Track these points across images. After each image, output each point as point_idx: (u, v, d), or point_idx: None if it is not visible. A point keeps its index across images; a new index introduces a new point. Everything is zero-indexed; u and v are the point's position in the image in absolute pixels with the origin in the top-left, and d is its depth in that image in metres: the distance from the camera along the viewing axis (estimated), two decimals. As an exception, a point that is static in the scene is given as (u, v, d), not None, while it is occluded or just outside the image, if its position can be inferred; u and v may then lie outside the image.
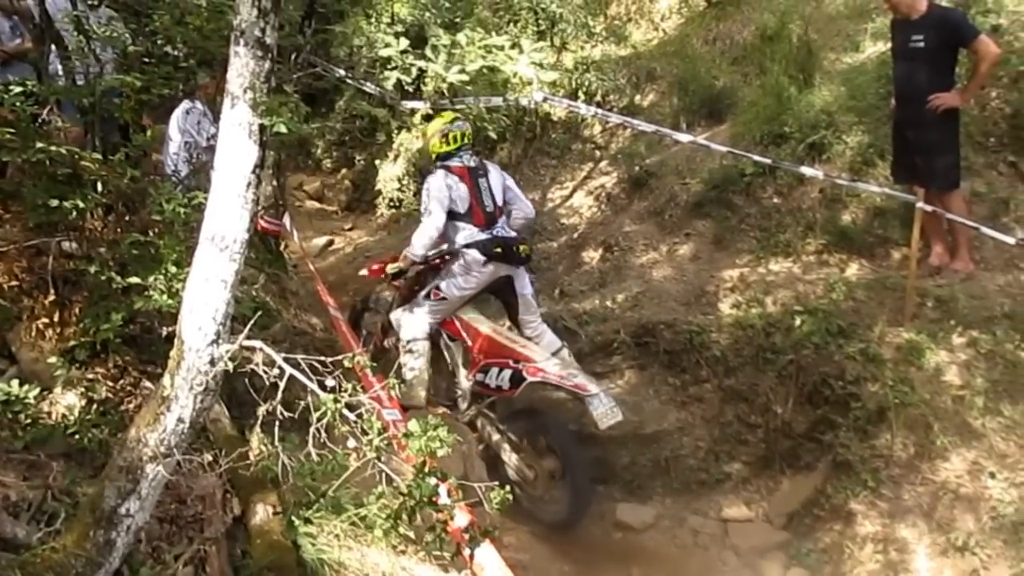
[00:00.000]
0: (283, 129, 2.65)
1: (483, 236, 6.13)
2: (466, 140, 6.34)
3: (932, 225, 6.72)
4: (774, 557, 5.78)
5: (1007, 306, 6.33)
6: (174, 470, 3.06)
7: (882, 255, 7.08)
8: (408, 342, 6.24)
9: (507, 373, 5.80)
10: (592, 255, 8.38)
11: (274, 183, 6.87)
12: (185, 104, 6.51)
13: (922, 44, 6.55)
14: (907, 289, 6.42)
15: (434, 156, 6.35)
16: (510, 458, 5.97)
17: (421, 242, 6.11)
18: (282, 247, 6.91)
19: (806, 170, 7.09)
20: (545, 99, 8.48)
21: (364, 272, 6.79)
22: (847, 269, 7.04)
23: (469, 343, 6.20)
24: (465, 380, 6.20)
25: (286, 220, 7.04)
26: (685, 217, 8.13)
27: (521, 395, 6.06)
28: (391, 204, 10.48)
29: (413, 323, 6.25)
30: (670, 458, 6.38)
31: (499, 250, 6.07)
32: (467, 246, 6.11)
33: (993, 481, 5.45)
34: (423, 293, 6.33)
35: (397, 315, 6.50)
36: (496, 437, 6.08)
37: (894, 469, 5.78)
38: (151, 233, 4.23)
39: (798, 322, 6.50)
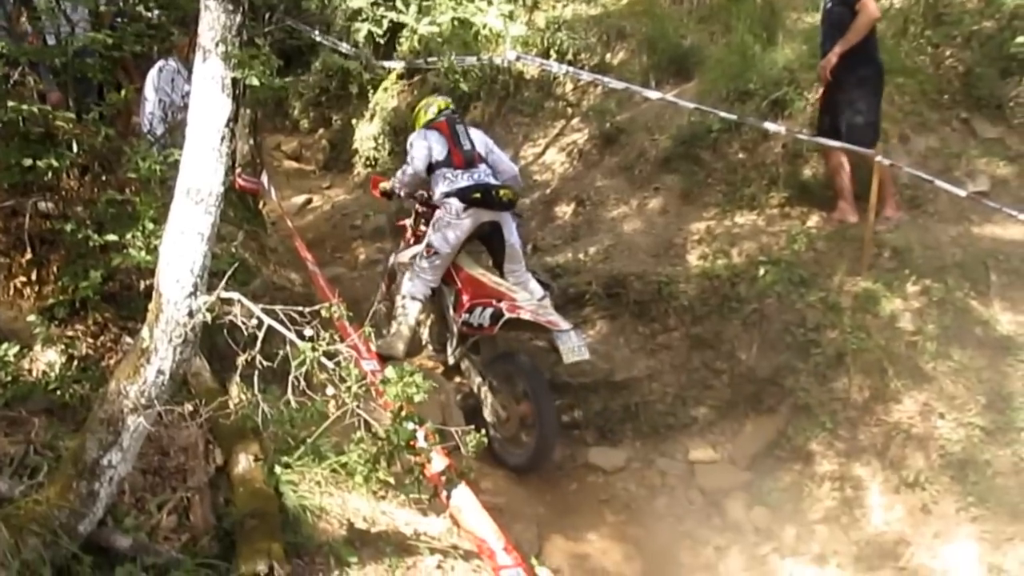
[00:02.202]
0: (255, 82, 2.57)
1: (464, 183, 6.13)
2: (446, 107, 6.56)
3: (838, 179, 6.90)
4: (738, 496, 5.81)
5: (958, 256, 6.39)
6: (155, 421, 3.02)
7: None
8: (405, 296, 6.32)
9: (488, 311, 5.80)
10: (564, 210, 8.32)
11: (251, 142, 6.77)
12: (159, 63, 6.36)
13: (831, 5, 6.76)
14: (865, 240, 6.43)
15: (422, 123, 6.53)
16: (488, 401, 5.98)
17: (401, 177, 6.43)
18: (260, 205, 6.80)
19: (770, 126, 7.08)
20: (518, 58, 8.38)
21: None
22: (808, 221, 7.02)
23: (460, 286, 6.23)
24: (454, 322, 6.22)
25: (264, 178, 6.95)
26: (654, 172, 8.06)
27: (504, 340, 6.11)
28: (368, 163, 10.36)
29: (415, 284, 6.31)
30: (640, 404, 6.36)
31: (478, 195, 6.05)
32: (448, 195, 6.11)
33: (942, 422, 5.51)
34: (420, 252, 6.35)
35: (399, 259, 6.67)
36: (478, 380, 6.10)
37: (851, 411, 5.82)
38: (127, 191, 4.16)
39: (762, 272, 6.52)
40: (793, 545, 5.44)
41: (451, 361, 6.32)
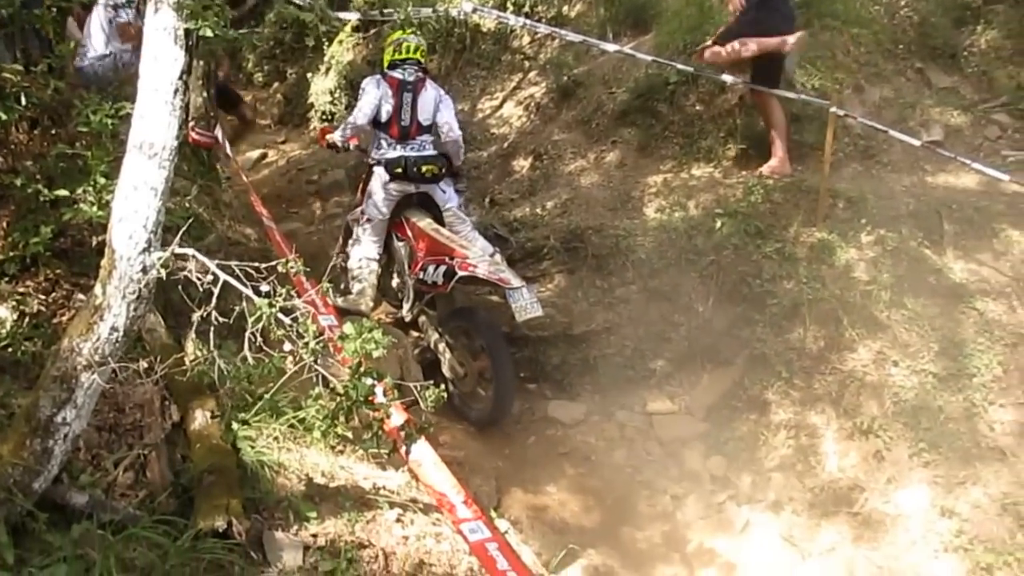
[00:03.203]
0: (209, 33, 2.51)
1: (392, 154, 6.20)
2: (415, 54, 6.37)
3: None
4: (695, 446, 5.87)
5: (912, 205, 6.47)
6: (110, 379, 2.97)
7: (796, 159, 7.08)
8: (358, 259, 6.36)
9: (442, 269, 5.81)
10: (522, 164, 8.29)
11: (204, 95, 6.64)
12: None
13: None
14: (820, 191, 6.47)
15: (385, 64, 6.41)
16: (445, 357, 5.99)
17: (343, 127, 6.30)
18: (215, 160, 6.69)
19: (727, 78, 7.07)
20: (475, 10, 8.31)
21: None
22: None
23: (414, 243, 6.23)
24: (409, 278, 6.22)
25: (218, 132, 6.83)
26: (612, 125, 8.04)
27: (462, 296, 6.12)
28: (323, 117, 10.21)
29: (361, 248, 6.38)
30: (598, 357, 6.38)
31: (399, 170, 6.14)
32: (377, 163, 6.21)
33: (896, 369, 5.60)
34: (358, 221, 6.42)
35: (351, 217, 6.66)
36: (435, 336, 6.11)
37: (806, 361, 5.89)
38: (78, 145, 4.06)
39: (719, 224, 6.56)
40: (749, 493, 5.52)
41: (407, 318, 6.34)
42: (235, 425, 3.61)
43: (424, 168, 6.17)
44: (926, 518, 4.99)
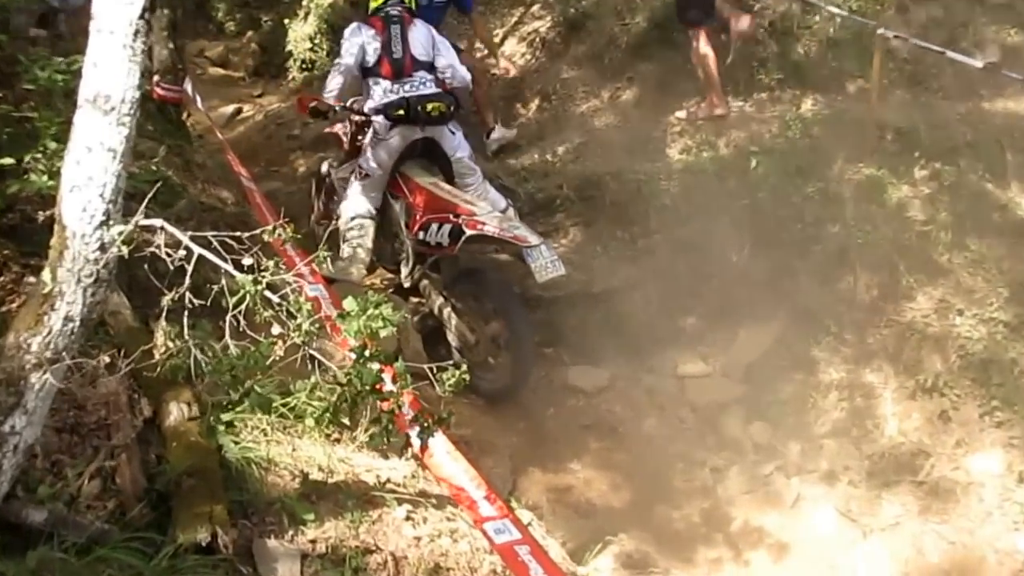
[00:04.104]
0: None
1: (389, 97, 5.93)
2: None
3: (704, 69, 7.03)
4: (734, 412, 5.76)
5: (969, 135, 6.36)
6: (67, 376, 2.76)
7: (837, 89, 7.00)
8: (351, 219, 6.13)
9: (447, 228, 5.57)
10: (528, 106, 8.16)
11: (170, 46, 6.48)
12: None
13: None
14: (866, 123, 6.39)
15: (369, 12, 6.24)
16: (452, 323, 5.82)
17: (329, 86, 6.06)
18: (184, 116, 6.55)
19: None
20: None
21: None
22: (802, 105, 6.96)
23: (410, 199, 6.02)
24: (407, 239, 6.03)
25: (187, 86, 6.70)
26: (626, 60, 7.91)
27: (466, 256, 5.93)
28: (303, 66, 10.09)
29: (352, 204, 6.14)
30: (621, 316, 6.23)
31: (401, 112, 5.86)
32: (376, 112, 5.94)
33: (961, 319, 5.52)
34: (353, 173, 6.20)
35: (339, 175, 6.50)
36: (439, 301, 5.93)
37: (857, 313, 5.80)
38: (25, 107, 3.86)
39: (753, 164, 6.46)
40: (799, 462, 5.40)
41: (407, 283, 6.14)
42: (216, 418, 3.41)
43: (430, 107, 5.89)
44: (1002, 485, 4.90)
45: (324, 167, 6.89)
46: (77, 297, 2.49)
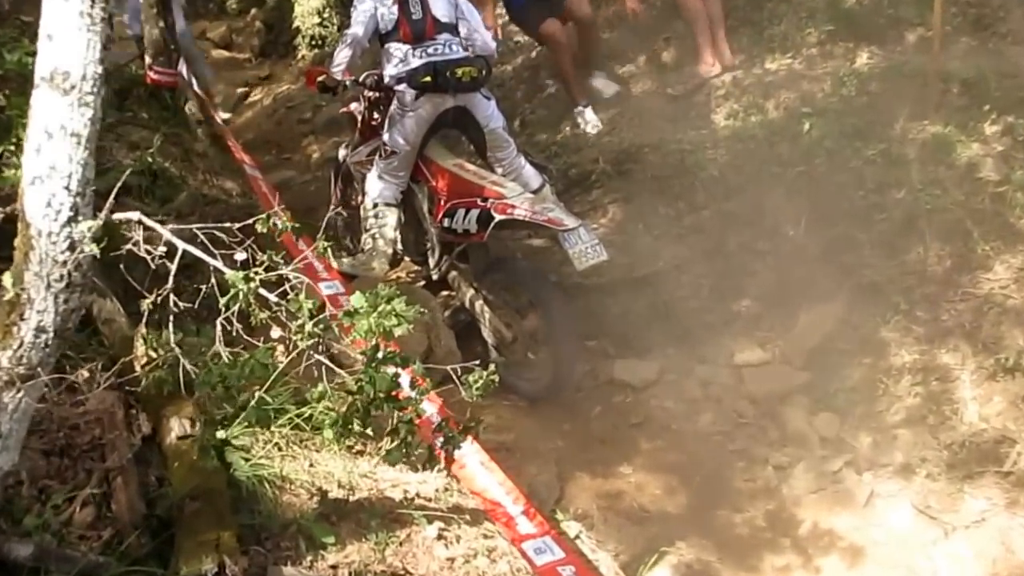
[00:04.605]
0: None
1: (414, 62, 5.77)
2: None
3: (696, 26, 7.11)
4: (797, 402, 5.62)
5: None
6: (56, 392, 2.63)
7: (895, 39, 6.90)
8: (373, 206, 6.06)
9: (474, 213, 5.48)
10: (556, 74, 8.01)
11: (160, 25, 6.39)
12: None
13: None
14: (929, 75, 6.26)
15: None
16: (486, 318, 5.74)
17: (337, 59, 5.92)
18: (182, 102, 6.49)
19: None
20: None
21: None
22: (857, 59, 6.85)
23: (433, 183, 5.96)
24: (432, 228, 5.96)
25: (182, 68, 6.63)
26: (662, 19, 7.87)
27: (498, 243, 5.88)
28: (313, 43, 10.11)
29: (374, 188, 6.05)
30: (669, 301, 6.15)
31: (428, 79, 5.69)
32: (398, 79, 5.78)
33: None
34: (376, 153, 6.09)
35: (355, 159, 6.44)
36: (470, 293, 5.85)
37: (929, 287, 5.66)
38: (-1, 94, 3.75)
39: (806, 127, 6.36)
40: (871, 456, 5.24)
41: (435, 276, 6.06)
42: (221, 433, 3.29)
43: (460, 71, 5.72)
44: (1101, 473, 4.73)
45: (341, 152, 6.79)
46: (48, 305, 2.37)
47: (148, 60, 6.19)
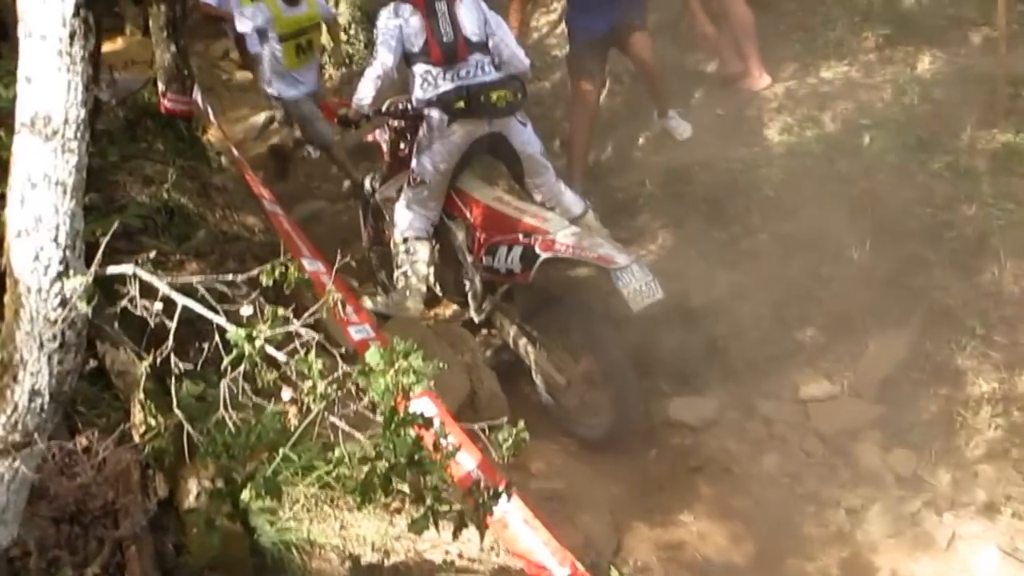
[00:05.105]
0: None
1: (444, 86, 5.75)
2: None
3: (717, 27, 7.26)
4: (869, 438, 5.50)
5: None
6: (67, 453, 2.59)
7: (958, 41, 6.88)
8: (403, 240, 6.04)
9: (517, 251, 5.45)
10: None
11: (172, 49, 6.37)
12: None
13: None
14: (996, 79, 6.21)
15: None
16: (536, 362, 5.68)
17: (364, 89, 5.84)
18: (199, 132, 6.49)
19: None
20: None
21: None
22: (918, 64, 6.84)
23: (470, 219, 5.92)
24: (472, 266, 5.91)
25: (197, 96, 6.62)
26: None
27: (542, 279, 5.72)
28: (340, 62, 9.97)
29: (404, 217, 6.03)
30: (727, 333, 6.06)
31: (462, 104, 5.66)
32: (428, 103, 5.74)
33: None
34: (405, 182, 6.07)
35: (384, 194, 6.42)
36: (519, 336, 5.79)
37: (1006, 308, 5.56)
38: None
39: (866, 139, 6.32)
40: (951, 494, 5.10)
41: (477, 318, 5.99)
42: (245, 494, 3.21)
43: (495, 95, 5.70)
44: None
45: (367, 182, 6.75)
46: (42, 366, 2.33)
47: (161, 87, 6.19)
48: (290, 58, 8.19)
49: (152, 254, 4.59)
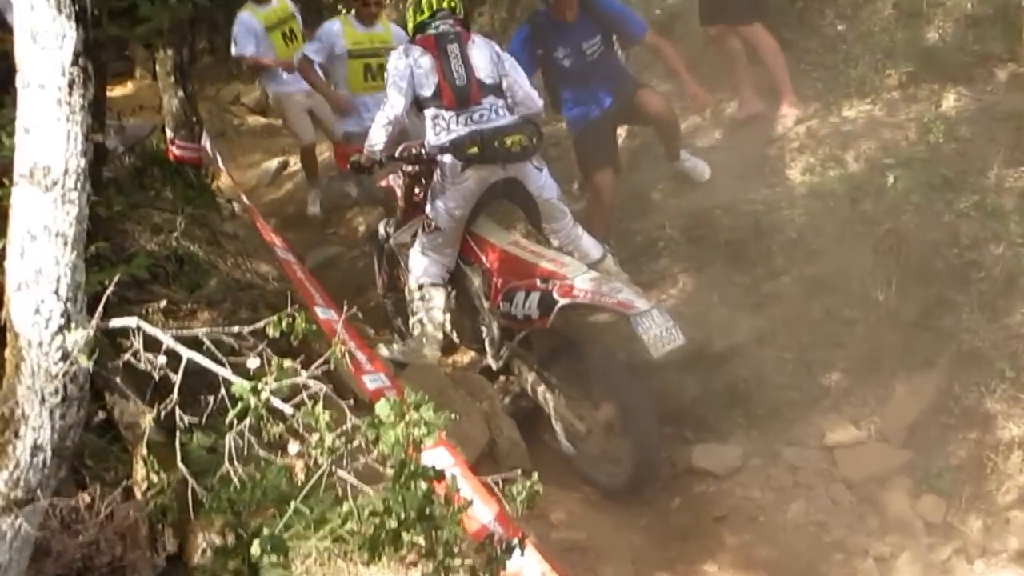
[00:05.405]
0: None
1: (458, 131, 5.73)
2: (445, 4, 5.99)
3: (734, 67, 7.39)
4: (898, 485, 5.45)
5: None
6: (72, 509, 2.56)
7: (984, 77, 6.78)
8: (418, 287, 6.03)
9: (535, 297, 5.42)
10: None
11: (180, 94, 6.38)
12: None
13: None
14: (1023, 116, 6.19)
15: (412, 33, 6.07)
16: (555, 409, 5.65)
17: (376, 134, 5.81)
18: (209, 179, 6.50)
19: None
20: None
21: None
22: (943, 102, 6.77)
23: (486, 264, 5.91)
24: (489, 312, 5.89)
25: (205, 142, 6.64)
26: (725, 69, 7.78)
27: (560, 324, 5.69)
28: None
29: (419, 264, 6.03)
30: (750, 378, 6.03)
31: (475, 149, 5.63)
32: (441, 148, 5.73)
33: None
34: (419, 229, 6.07)
35: (399, 240, 6.44)
36: (538, 383, 5.76)
37: None
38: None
39: (891, 179, 6.24)
40: (982, 542, 5.06)
41: (495, 365, 5.95)
42: (255, 548, 3.18)
43: (509, 140, 5.66)
44: None
45: (381, 228, 6.75)
46: (44, 421, 2.34)
47: (169, 134, 6.21)
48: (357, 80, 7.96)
49: (163, 303, 4.65)
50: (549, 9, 6.70)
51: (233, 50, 8.00)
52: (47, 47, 2.17)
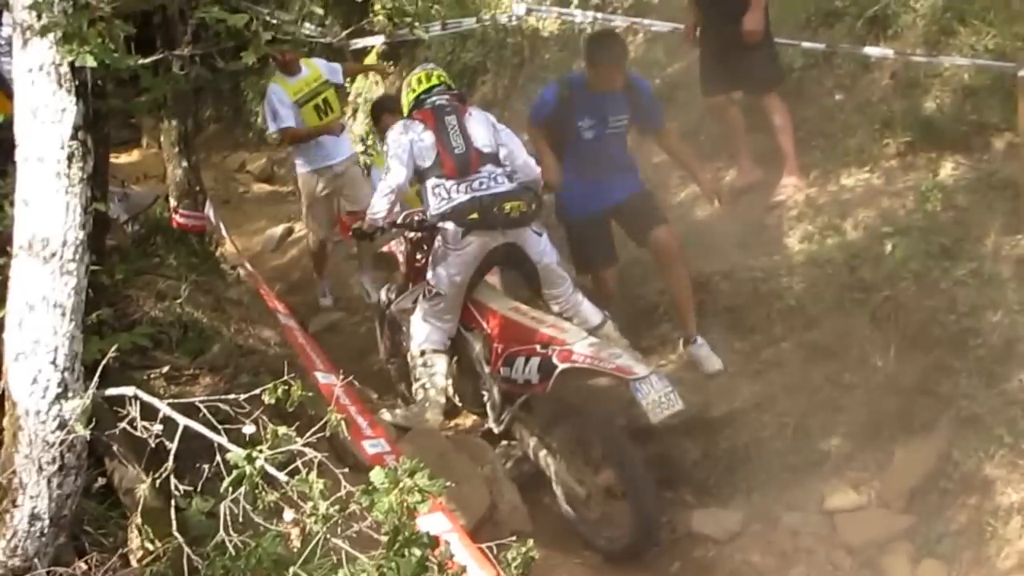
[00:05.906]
0: (91, 62, 2.09)
1: (458, 198, 5.79)
2: (438, 80, 6.15)
3: (733, 136, 7.48)
4: (898, 550, 5.38)
5: None
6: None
7: (981, 147, 6.74)
8: (420, 353, 6.04)
9: (535, 362, 5.45)
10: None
11: (184, 164, 6.41)
12: None
13: None
14: (1020, 185, 6.16)
15: (406, 109, 6.20)
16: (556, 474, 5.65)
17: (378, 203, 5.97)
18: (213, 246, 6.52)
19: (871, 51, 6.98)
20: (529, 11, 8.17)
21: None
22: (940, 170, 6.73)
23: (487, 330, 5.94)
24: (491, 380, 5.90)
25: (209, 211, 6.67)
26: (722, 137, 7.85)
27: (561, 390, 5.69)
28: (360, 171, 10.07)
29: (420, 330, 6.05)
30: (750, 443, 6.01)
31: (475, 216, 5.70)
32: (442, 216, 5.78)
33: None
34: (420, 295, 6.11)
35: (400, 306, 6.44)
36: (539, 448, 5.76)
37: None
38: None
39: (888, 247, 6.23)
40: None
41: (496, 429, 5.95)
42: None
43: (508, 206, 5.73)
44: None
45: (382, 294, 6.77)
46: (41, 489, 2.34)
47: (173, 203, 6.23)
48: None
49: (165, 369, 4.66)
50: (590, 76, 6.57)
51: (271, 126, 7.96)
52: (46, 121, 2.20)
